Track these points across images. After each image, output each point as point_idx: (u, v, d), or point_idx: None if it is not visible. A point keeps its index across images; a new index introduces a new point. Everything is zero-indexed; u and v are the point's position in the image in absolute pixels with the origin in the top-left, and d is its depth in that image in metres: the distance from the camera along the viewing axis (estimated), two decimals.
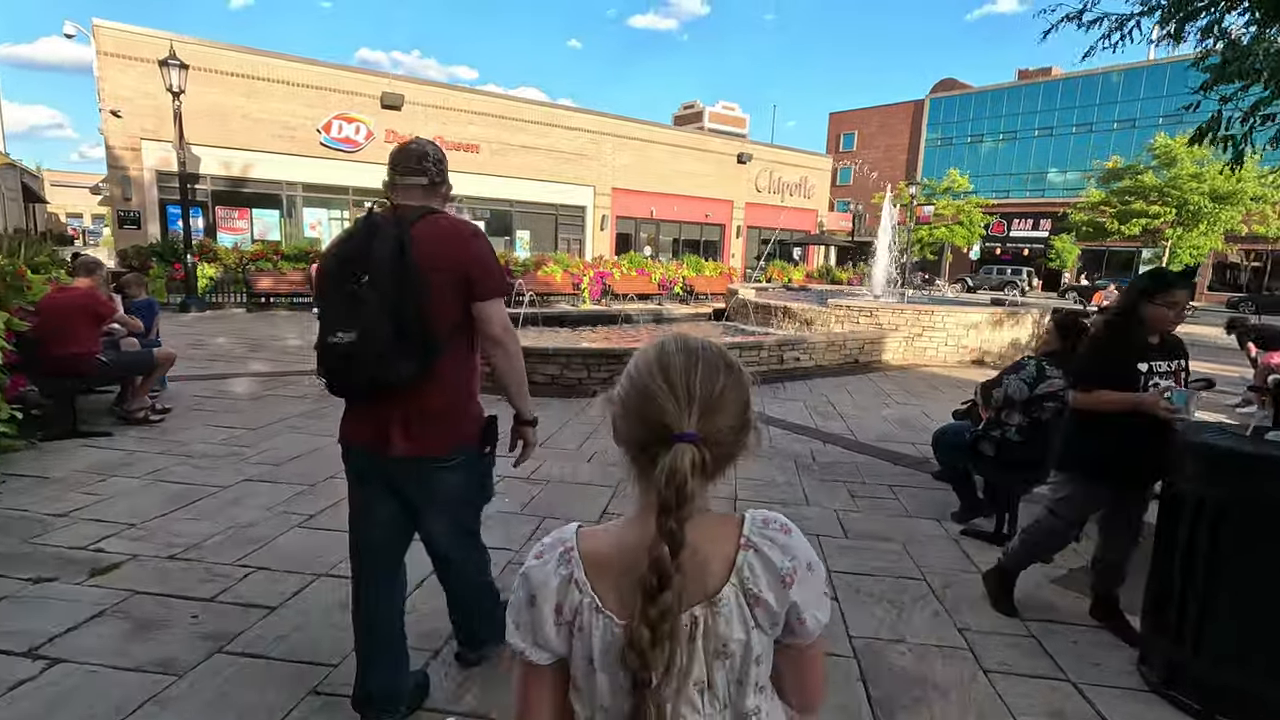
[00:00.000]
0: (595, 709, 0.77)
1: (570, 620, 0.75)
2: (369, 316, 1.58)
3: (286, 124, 16.08)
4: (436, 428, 1.75)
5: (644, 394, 0.76)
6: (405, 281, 1.61)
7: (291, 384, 6.79)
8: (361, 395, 1.74)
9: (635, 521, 0.78)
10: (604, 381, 7.18)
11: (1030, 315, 10.51)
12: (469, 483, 1.87)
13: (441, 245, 1.70)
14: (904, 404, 7.04)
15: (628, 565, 0.73)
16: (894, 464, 4.90)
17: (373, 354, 1.59)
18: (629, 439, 0.78)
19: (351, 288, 1.61)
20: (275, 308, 13.52)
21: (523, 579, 0.78)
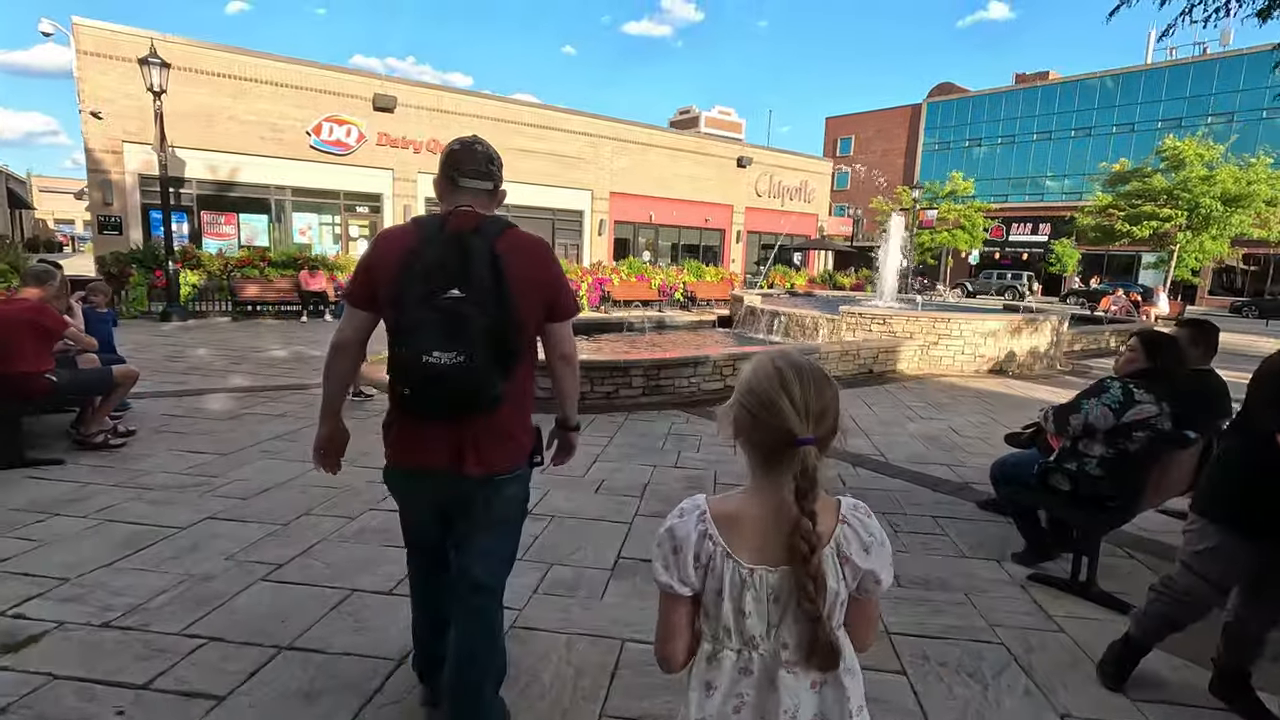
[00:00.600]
0: (720, 629, 1.05)
1: (705, 564, 1.03)
2: (473, 338, 1.54)
3: (275, 126, 15.60)
4: (505, 445, 1.76)
5: (771, 408, 1.00)
6: (505, 302, 1.58)
7: (272, 400, 6.29)
8: (453, 414, 1.64)
9: (753, 495, 1.06)
10: (608, 396, 6.71)
11: (1050, 322, 10.10)
12: (523, 496, 1.89)
13: (529, 264, 1.68)
14: (928, 418, 6.59)
15: (754, 527, 1.03)
16: (933, 490, 4.44)
17: (475, 377, 1.55)
18: (754, 441, 1.04)
19: (446, 303, 1.54)
20: (262, 316, 13.00)
21: (668, 533, 1.05)
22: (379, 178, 17.30)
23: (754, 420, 1.02)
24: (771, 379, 1.01)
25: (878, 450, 5.35)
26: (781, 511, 0.99)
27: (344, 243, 17.20)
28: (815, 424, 0.99)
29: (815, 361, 1.05)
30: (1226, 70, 32.40)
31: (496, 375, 1.59)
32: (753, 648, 1.04)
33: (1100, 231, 19.54)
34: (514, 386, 1.68)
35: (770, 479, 1.03)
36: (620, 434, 5.58)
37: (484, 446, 1.70)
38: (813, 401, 1.00)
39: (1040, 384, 8.93)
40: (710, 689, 1.05)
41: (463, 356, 1.53)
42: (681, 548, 1.03)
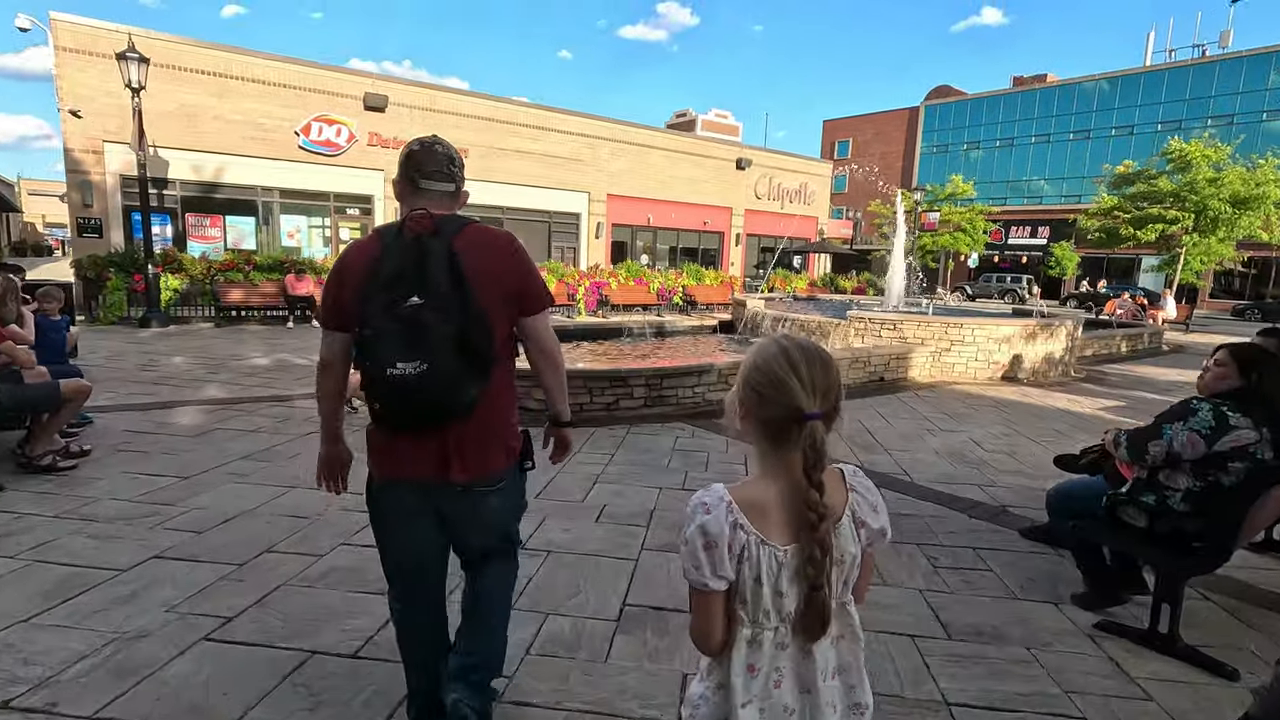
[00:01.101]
0: (759, 613, 1.06)
1: (739, 554, 1.04)
2: (436, 345, 1.49)
3: (262, 126, 15.16)
4: (489, 450, 1.70)
5: (780, 386, 1.05)
6: (467, 304, 1.53)
7: (247, 413, 5.85)
8: (426, 424, 1.59)
9: (769, 478, 1.09)
10: (608, 408, 6.29)
11: (1064, 327, 9.73)
12: (514, 500, 1.85)
13: (489, 259, 1.63)
14: (949, 431, 6.19)
15: (779, 509, 1.05)
16: (967, 515, 4.03)
17: (442, 384, 1.51)
18: (764, 419, 1.08)
19: (406, 311, 1.49)
20: (246, 322, 12.54)
21: (700, 531, 1.03)
22: (370, 179, 16.86)
23: (762, 399, 1.07)
24: (779, 359, 1.06)
25: (901, 469, 4.94)
26: (798, 488, 1.03)
27: (334, 246, 16.73)
28: (821, 400, 1.05)
29: (820, 345, 1.10)
30: (1226, 72, 32.27)
31: (467, 380, 1.54)
32: (785, 622, 1.08)
33: (1105, 234, 19.23)
34: (493, 388, 1.63)
35: (781, 457, 1.07)
36: (622, 450, 5.16)
37: (469, 452, 1.65)
38: (819, 379, 1.05)
39: (1057, 391, 8.55)
40: (754, 671, 1.09)
41: (425, 365, 1.47)
42: (716, 543, 1.03)
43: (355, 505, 3.77)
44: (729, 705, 1.09)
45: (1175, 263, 19.96)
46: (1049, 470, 5.03)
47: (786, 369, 1.04)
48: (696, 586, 1.05)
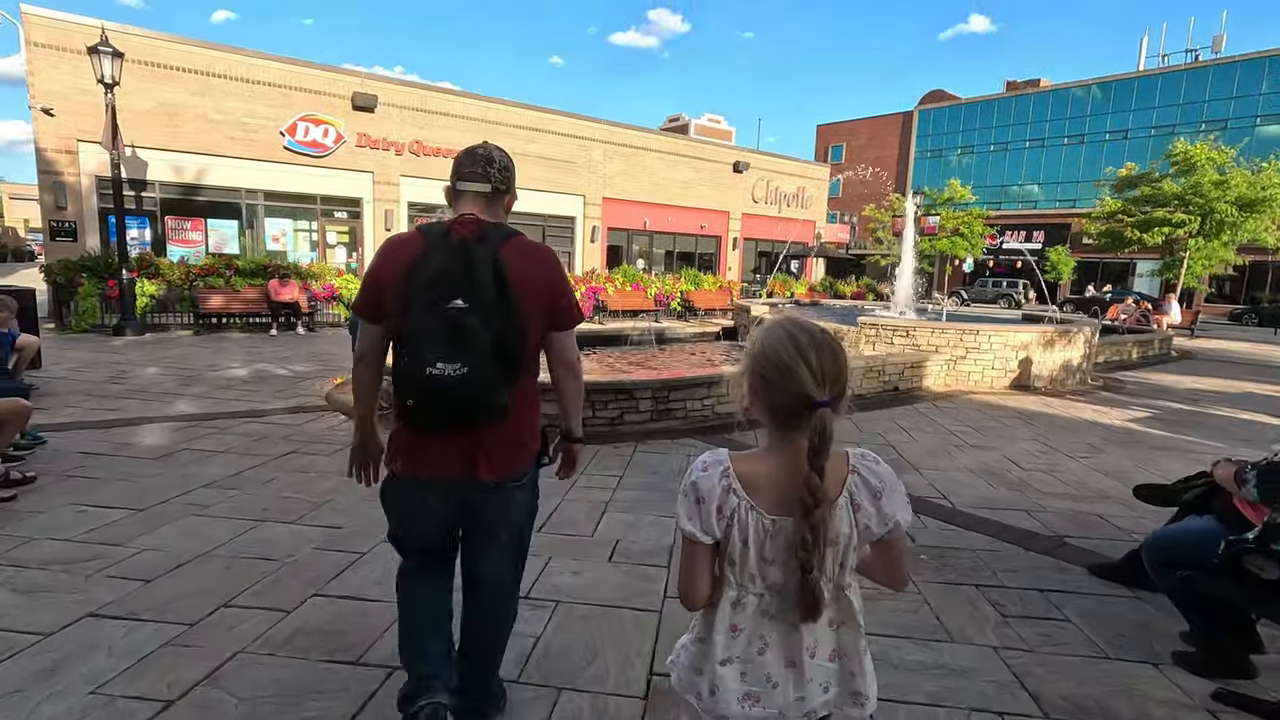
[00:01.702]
0: (745, 576, 1.11)
1: (729, 516, 1.09)
2: (477, 349, 1.52)
3: (246, 126, 14.63)
4: (516, 451, 1.76)
5: (788, 373, 1.05)
6: (510, 311, 1.57)
7: (219, 431, 5.35)
8: (459, 424, 1.62)
9: (772, 454, 1.12)
10: (612, 422, 5.82)
11: (1082, 334, 9.37)
12: (533, 496, 1.89)
13: (532, 271, 1.67)
14: (978, 447, 5.78)
15: (775, 482, 1.09)
16: (1023, 548, 3.60)
17: (480, 388, 1.54)
18: (771, 404, 1.09)
19: (450, 313, 1.52)
20: (228, 329, 11.98)
21: (692, 486, 1.11)
22: (358, 181, 16.35)
23: (770, 385, 1.07)
24: (787, 345, 1.06)
25: (938, 491, 4.51)
26: (798, 468, 1.05)
27: (321, 250, 16.19)
28: (831, 386, 1.06)
29: (829, 331, 1.11)
30: (1219, 77, 32.33)
31: (501, 385, 1.58)
32: (775, 593, 1.10)
33: (1110, 238, 18.99)
34: (521, 394, 1.68)
35: (787, 438, 1.09)
36: (630, 472, 4.70)
37: (496, 454, 1.70)
38: (828, 366, 1.05)
39: (1080, 401, 8.18)
40: (736, 631, 1.12)
41: (466, 368, 1.51)
42: (705, 499, 1.09)
43: (330, 544, 3.30)
44: (707, 659, 1.14)
45: (1178, 267, 19.75)
46: (1095, 491, 4.64)
47: (795, 356, 1.05)
48: (686, 535, 1.11)
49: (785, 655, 1.12)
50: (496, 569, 1.87)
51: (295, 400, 6.67)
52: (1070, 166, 38.15)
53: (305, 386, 7.37)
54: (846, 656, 1.15)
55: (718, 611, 1.13)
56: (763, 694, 1.12)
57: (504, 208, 1.79)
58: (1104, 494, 4.57)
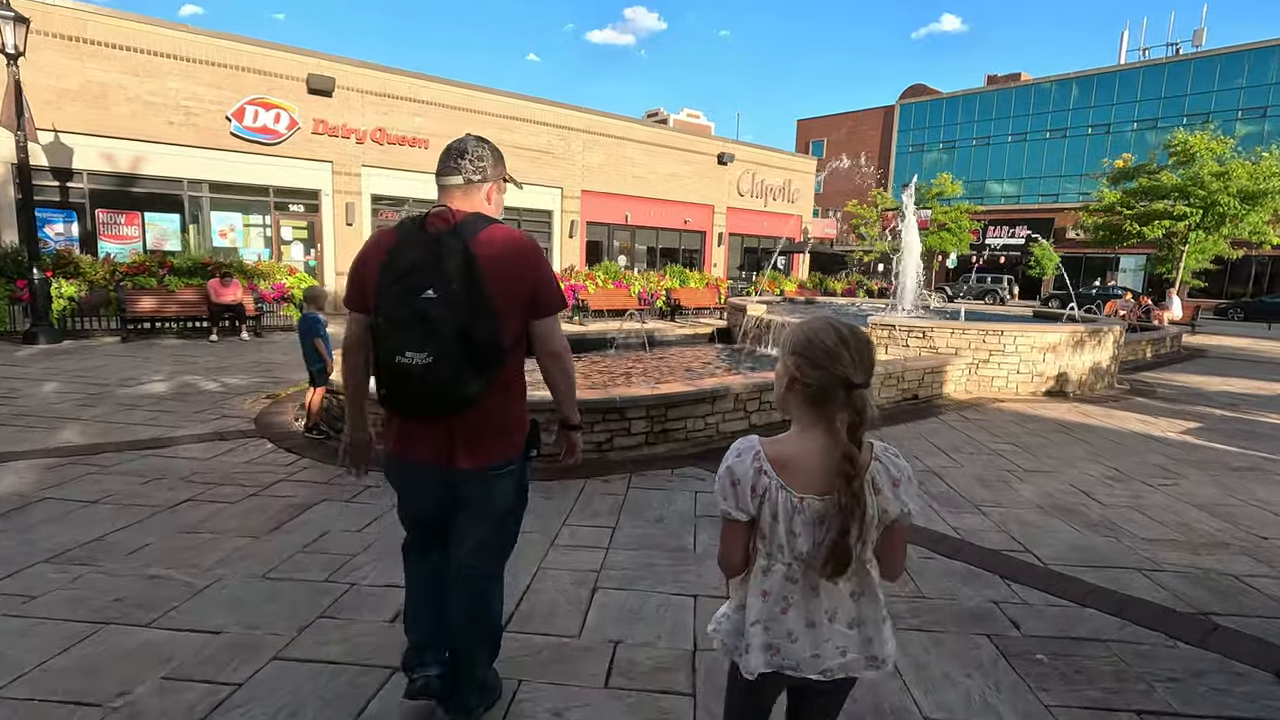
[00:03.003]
0: (774, 547, 1.23)
1: (761, 495, 1.21)
2: (444, 338, 1.56)
3: (187, 109, 13.27)
4: (496, 440, 1.76)
5: (834, 357, 1.18)
6: (478, 301, 1.59)
7: (102, 469, 4.21)
8: (431, 413, 1.69)
9: (803, 436, 1.24)
10: (600, 448, 4.71)
11: (1111, 334, 8.58)
12: (518, 487, 1.88)
13: (506, 260, 1.67)
14: (1035, 471, 4.87)
15: (804, 463, 1.21)
16: (1167, 636, 2.66)
17: (446, 375, 1.57)
18: (812, 387, 1.20)
19: (419, 304, 1.56)
20: (162, 334, 10.68)
21: (728, 471, 1.23)
22: (316, 171, 15.05)
23: (815, 368, 1.19)
24: (831, 334, 1.21)
25: (1017, 542, 3.56)
26: (829, 446, 1.18)
27: (275, 246, 14.87)
28: (866, 372, 1.19)
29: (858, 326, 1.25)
30: (1200, 71, 32.28)
31: (470, 374, 1.59)
32: (800, 561, 1.22)
33: (1108, 231, 18.44)
34: (501, 382, 1.70)
35: (821, 418, 1.21)
36: (626, 521, 3.69)
37: (474, 441, 1.72)
38: (865, 354, 1.20)
39: (1116, 408, 7.36)
40: (766, 596, 1.24)
41: (432, 357, 1.55)
42: (740, 482, 1.21)
43: (193, 666, 2.18)
44: (744, 623, 1.27)
45: (1174, 261, 19.29)
46: (1206, 536, 3.70)
47: (838, 343, 1.19)
48: (724, 515, 1.25)
49: (805, 616, 1.24)
50: (476, 558, 1.86)
51: (216, 424, 5.53)
52: (1053, 161, 37.99)
53: (233, 405, 6.22)
54: (865, 624, 1.26)
55: (751, 579, 1.28)
56: (782, 646, 1.24)
57: (485, 197, 1.81)
58: (1219, 541, 3.67)
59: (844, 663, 1.24)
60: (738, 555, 1.27)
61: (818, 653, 1.23)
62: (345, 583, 2.88)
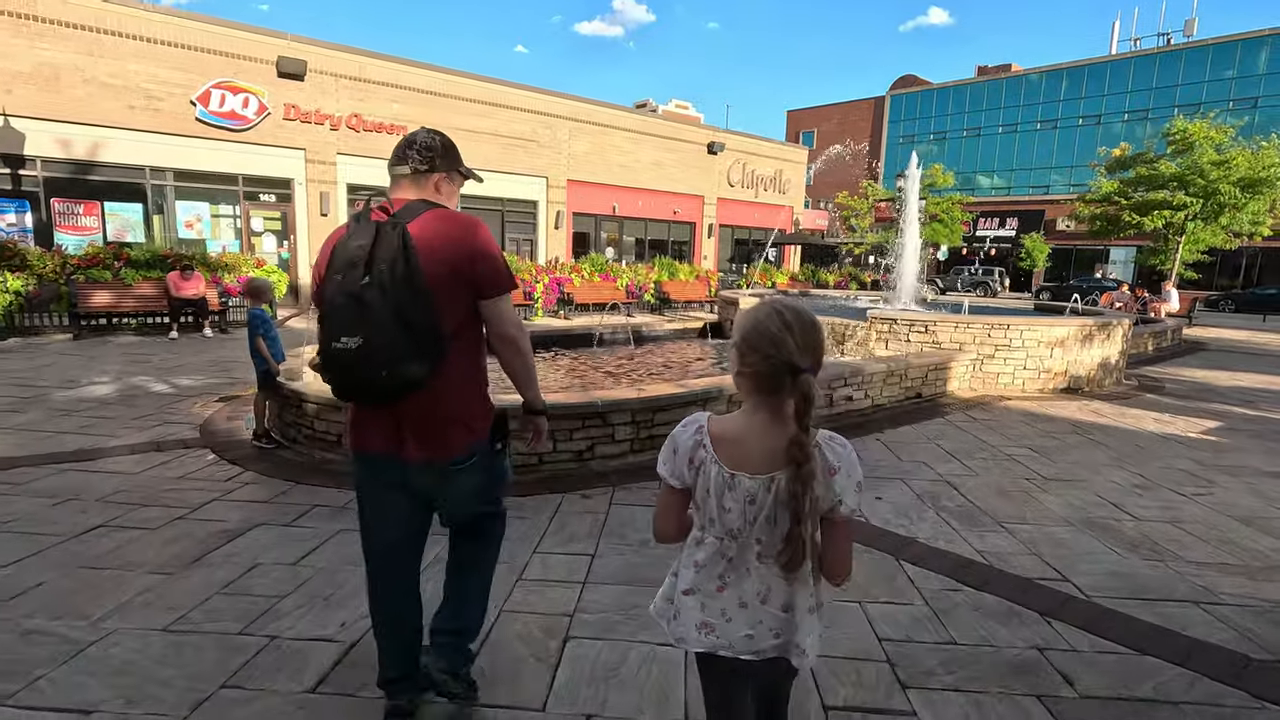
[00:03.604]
0: (706, 519, 1.27)
1: (697, 466, 1.25)
2: (375, 321, 1.56)
3: (148, 93, 12.56)
4: (449, 430, 1.72)
5: (777, 343, 1.19)
6: (410, 283, 1.58)
7: (14, 487, 3.68)
8: (370, 400, 1.69)
9: (748, 416, 1.26)
10: (579, 456, 3.87)
11: (1121, 327, 8.21)
12: (486, 479, 1.85)
13: (443, 241, 1.66)
14: (1057, 480, 4.46)
15: (744, 441, 1.23)
16: (1250, 695, 2.23)
17: (379, 359, 1.57)
18: (759, 372, 1.21)
19: (355, 290, 1.58)
20: (118, 331, 10.05)
21: (671, 440, 1.28)
22: (288, 159, 14.38)
23: (759, 355, 1.21)
24: (775, 320, 1.21)
25: (1053, 569, 3.13)
26: (770, 429, 1.21)
27: (245, 238, 14.20)
28: (810, 356, 1.21)
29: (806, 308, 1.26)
30: (1192, 61, 32.10)
31: (407, 359, 1.58)
32: (733, 538, 1.25)
33: (1105, 222, 18.12)
34: (450, 369, 1.66)
35: (767, 402, 1.23)
36: (607, 544, 3.22)
37: (422, 431, 1.69)
38: (809, 338, 1.21)
39: (1128, 406, 6.99)
40: (698, 566, 1.28)
41: (361, 341, 1.56)
42: (679, 450, 1.26)
43: None
44: (675, 589, 1.32)
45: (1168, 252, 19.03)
46: (1257, 556, 3.23)
47: (782, 328, 1.20)
48: (662, 477, 1.29)
49: (739, 596, 1.25)
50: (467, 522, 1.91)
51: (156, 431, 5.00)
52: (1043, 153, 37.76)
53: (180, 410, 5.68)
54: (794, 610, 1.26)
55: (685, 549, 1.33)
56: (717, 625, 1.27)
57: (433, 187, 1.78)
58: (1275, 564, 3.25)
59: (776, 644, 1.27)
60: (670, 523, 1.32)
61: (751, 633, 1.26)
62: (263, 636, 2.39)
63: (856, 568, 2.54)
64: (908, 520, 3.68)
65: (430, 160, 1.77)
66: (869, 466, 4.65)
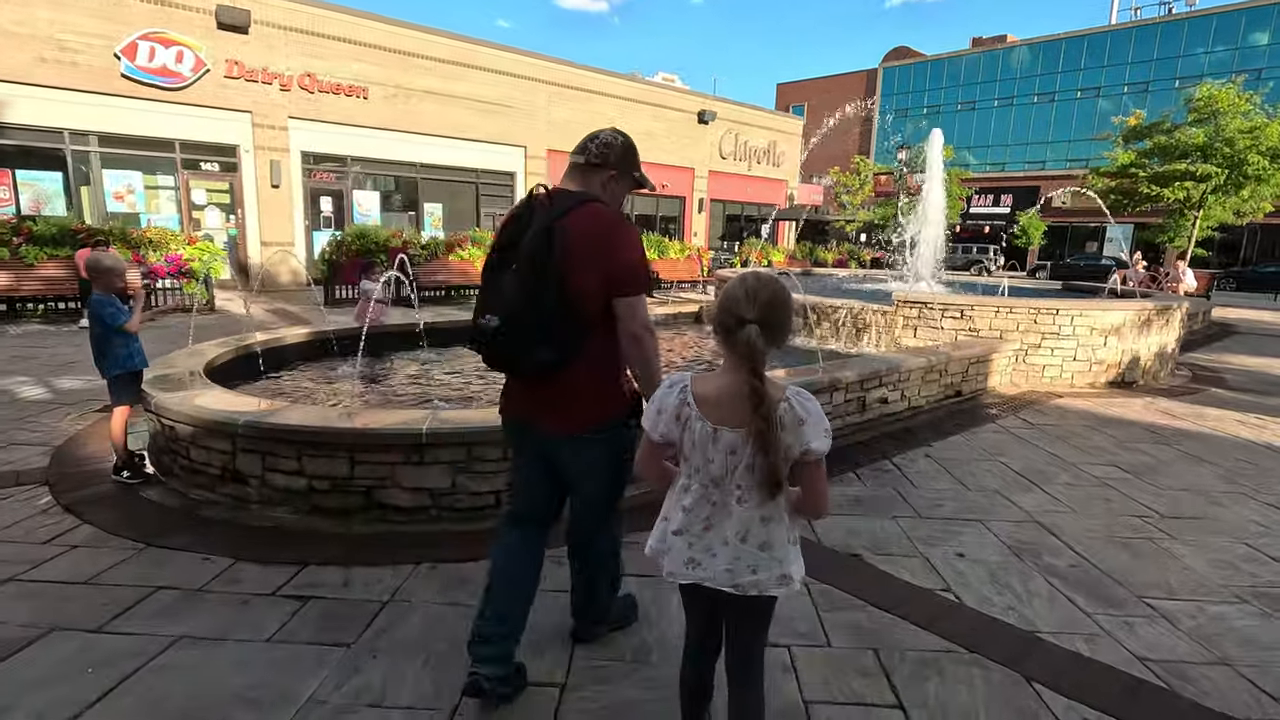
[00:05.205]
0: (692, 469, 1.41)
1: (683, 422, 1.39)
2: (511, 305, 1.72)
3: (62, 44, 10.97)
4: (582, 408, 1.83)
5: (735, 301, 1.35)
6: (546, 273, 1.70)
7: None
8: (512, 374, 1.88)
9: (722, 374, 1.40)
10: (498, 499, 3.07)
11: (1180, 310, 7.20)
12: (612, 456, 1.93)
13: (589, 237, 1.74)
14: (1176, 515, 3.42)
15: (719, 398, 1.37)
16: None
17: (513, 339, 1.73)
18: (723, 328, 1.38)
19: (504, 273, 1.76)
20: (21, 318, 8.67)
21: (657, 399, 1.43)
22: (232, 123, 12.85)
23: (722, 313, 1.37)
24: (738, 286, 1.37)
25: (1251, 684, 2.06)
26: (738, 384, 1.32)
27: (185, 211, 12.71)
28: (759, 310, 1.32)
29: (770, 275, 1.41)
30: (1194, 31, 31.06)
31: (537, 340, 1.72)
32: (715, 485, 1.39)
33: (1122, 195, 17.11)
34: (587, 353, 1.78)
35: (731, 358, 1.37)
36: (580, 661, 2.10)
37: (560, 408, 1.81)
38: (760, 293, 1.34)
39: (1197, 403, 6.00)
40: (685, 510, 1.42)
41: (500, 321, 1.73)
42: (664, 410, 1.40)
43: None
44: (666, 530, 1.46)
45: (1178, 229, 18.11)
46: None
47: (738, 284, 1.37)
48: (646, 431, 1.43)
49: (722, 535, 1.40)
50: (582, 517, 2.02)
51: None
52: (1039, 127, 36.70)
53: (42, 424, 4.45)
54: (772, 546, 1.40)
55: (672, 494, 1.48)
56: (702, 560, 1.42)
57: (602, 183, 1.89)
58: None
59: (755, 580, 1.40)
60: (650, 469, 1.50)
61: (730, 568, 1.40)
62: None
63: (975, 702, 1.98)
64: (1012, 595, 2.60)
65: (605, 157, 1.87)
66: (929, 499, 3.57)
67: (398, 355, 6.28)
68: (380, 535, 2.99)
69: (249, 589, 2.52)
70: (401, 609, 2.41)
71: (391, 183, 15.77)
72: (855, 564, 2.83)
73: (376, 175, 15.34)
